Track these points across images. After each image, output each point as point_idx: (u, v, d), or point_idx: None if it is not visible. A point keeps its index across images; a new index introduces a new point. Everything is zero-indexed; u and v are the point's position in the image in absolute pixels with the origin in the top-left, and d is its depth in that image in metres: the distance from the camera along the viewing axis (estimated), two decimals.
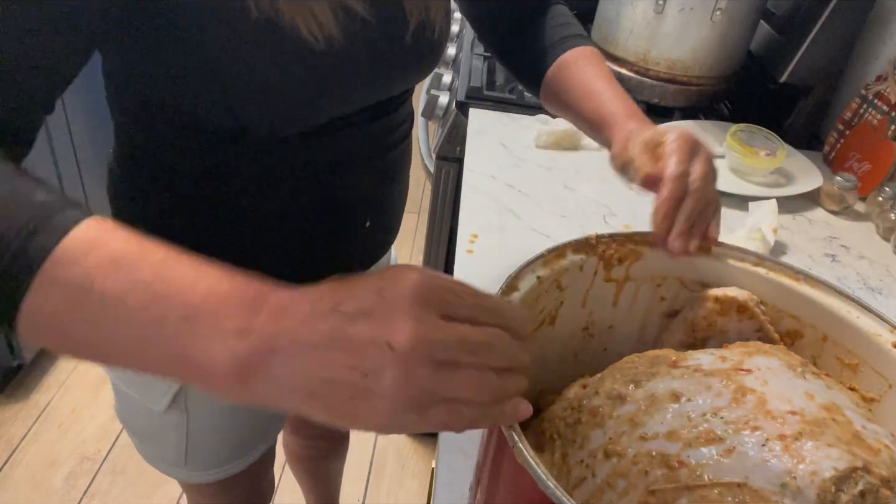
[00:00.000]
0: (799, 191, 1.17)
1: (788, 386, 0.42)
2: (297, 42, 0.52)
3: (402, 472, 1.71)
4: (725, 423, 0.39)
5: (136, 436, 0.83)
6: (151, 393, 0.74)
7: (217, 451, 0.82)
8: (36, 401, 1.78)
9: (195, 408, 0.76)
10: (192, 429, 0.77)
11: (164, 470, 0.84)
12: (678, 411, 0.41)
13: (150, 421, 0.78)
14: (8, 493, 1.56)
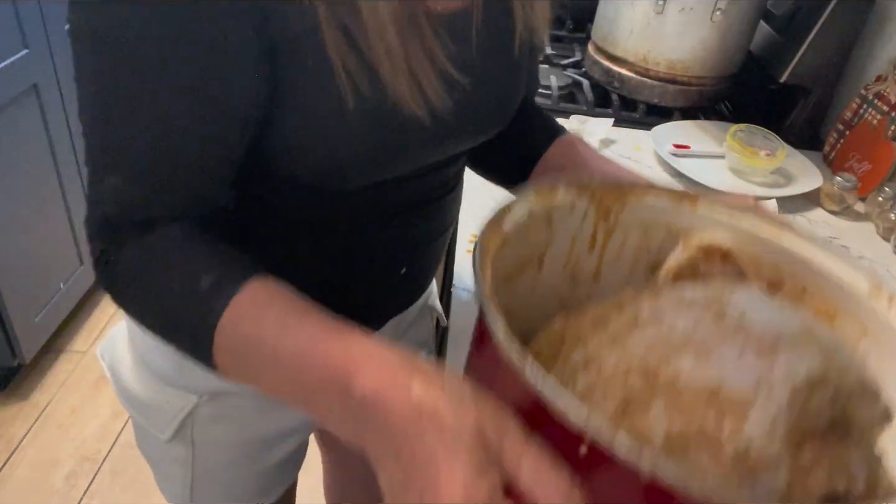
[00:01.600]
0: (799, 191, 1.16)
1: (767, 311, 0.43)
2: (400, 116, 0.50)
3: None
4: (704, 339, 0.41)
5: (149, 461, 0.80)
6: (157, 420, 0.70)
7: (225, 492, 0.76)
8: (36, 401, 1.78)
9: (202, 441, 0.71)
10: (198, 464, 0.73)
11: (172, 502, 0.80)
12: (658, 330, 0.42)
13: (158, 449, 0.75)
14: (8, 493, 1.56)
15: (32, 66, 1.59)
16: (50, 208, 1.75)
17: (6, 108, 1.53)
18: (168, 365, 0.67)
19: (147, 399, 0.70)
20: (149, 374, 0.69)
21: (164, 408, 0.69)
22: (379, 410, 0.37)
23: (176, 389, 0.68)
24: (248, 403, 0.71)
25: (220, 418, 0.70)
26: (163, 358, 0.67)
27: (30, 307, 1.71)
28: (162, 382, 0.68)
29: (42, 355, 1.87)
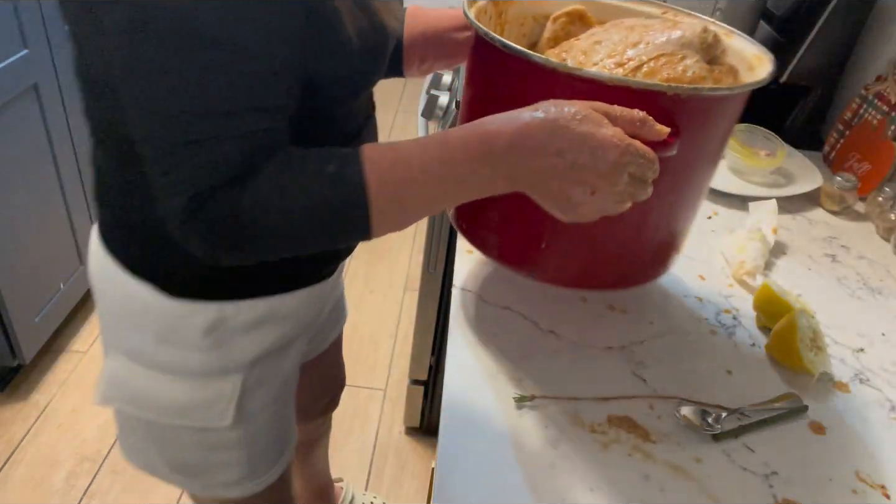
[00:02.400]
0: (799, 191, 1.17)
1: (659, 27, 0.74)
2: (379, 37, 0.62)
3: (402, 472, 1.71)
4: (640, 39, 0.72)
5: (190, 474, 0.81)
6: (214, 413, 0.73)
7: (271, 451, 0.83)
8: (36, 401, 1.78)
9: (252, 411, 0.76)
10: (252, 435, 0.78)
11: (226, 493, 0.82)
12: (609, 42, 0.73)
13: (210, 449, 0.77)
14: (8, 493, 1.56)
15: (32, 66, 1.59)
16: (50, 208, 1.75)
17: (6, 108, 1.53)
18: (206, 358, 0.71)
19: (196, 401, 0.73)
20: (188, 379, 0.72)
21: (218, 398, 0.73)
22: (527, 141, 0.54)
23: (221, 376, 0.72)
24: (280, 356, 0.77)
25: (263, 381, 0.76)
26: (200, 356, 0.70)
27: (30, 307, 1.71)
28: (204, 378, 0.72)
29: (42, 355, 1.87)
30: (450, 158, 0.55)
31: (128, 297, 0.69)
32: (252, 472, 0.82)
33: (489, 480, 0.65)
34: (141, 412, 0.75)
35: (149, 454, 0.81)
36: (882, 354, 0.87)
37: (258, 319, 0.72)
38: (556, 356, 0.80)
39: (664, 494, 0.66)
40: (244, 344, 0.72)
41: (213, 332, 0.70)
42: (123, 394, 0.75)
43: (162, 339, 0.70)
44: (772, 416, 0.75)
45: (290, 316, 0.75)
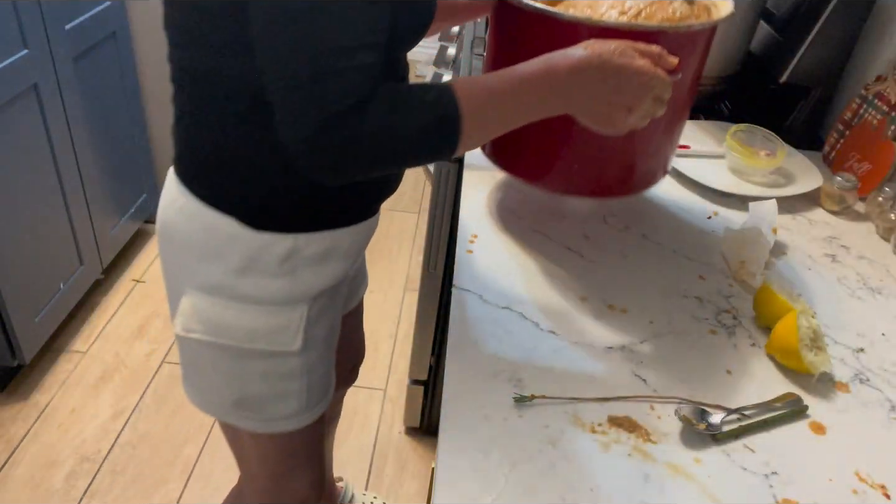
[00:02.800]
0: (799, 191, 1.16)
1: None
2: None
3: (402, 473, 1.71)
4: None
5: (253, 407, 0.87)
6: (286, 337, 0.82)
7: (322, 384, 0.91)
8: (36, 401, 1.78)
9: (312, 341, 0.85)
10: (311, 365, 0.86)
11: (283, 427, 0.89)
12: None
13: (276, 379, 0.85)
14: (8, 493, 1.56)
15: (32, 66, 1.59)
16: (50, 208, 1.75)
17: (6, 108, 1.53)
18: (280, 287, 0.79)
19: (271, 326, 0.81)
20: (264, 307, 0.80)
21: (288, 324, 0.81)
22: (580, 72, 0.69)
23: (292, 304, 0.81)
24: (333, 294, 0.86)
25: (321, 314, 0.85)
26: (275, 284, 0.79)
27: (30, 307, 1.71)
28: (277, 305, 0.80)
29: (42, 355, 1.87)
30: (521, 88, 0.69)
31: (212, 231, 0.77)
32: (307, 403, 0.89)
33: (489, 480, 0.65)
34: (221, 339, 0.81)
35: (215, 390, 0.87)
36: (882, 354, 0.87)
37: (322, 253, 0.80)
38: (556, 356, 0.80)
39: (664, 494, 0.66)
40: (310, 275, 0.81)
41: (288, 261, 0.78)
42: (204, 325, 0.81)
43: (243, 269, 0.78)
44: (772, 416, 0.75)
45: (346, 252, 0.83)
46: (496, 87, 0.69)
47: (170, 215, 0.81)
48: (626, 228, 1.05)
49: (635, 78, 0.70)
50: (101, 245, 2.00)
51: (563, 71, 0.69)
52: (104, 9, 1.87)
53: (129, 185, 2.14)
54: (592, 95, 0.71)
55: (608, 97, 0.71)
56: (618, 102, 0.71)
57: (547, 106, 0.71)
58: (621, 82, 0.70)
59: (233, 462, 1.05)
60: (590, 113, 0.72)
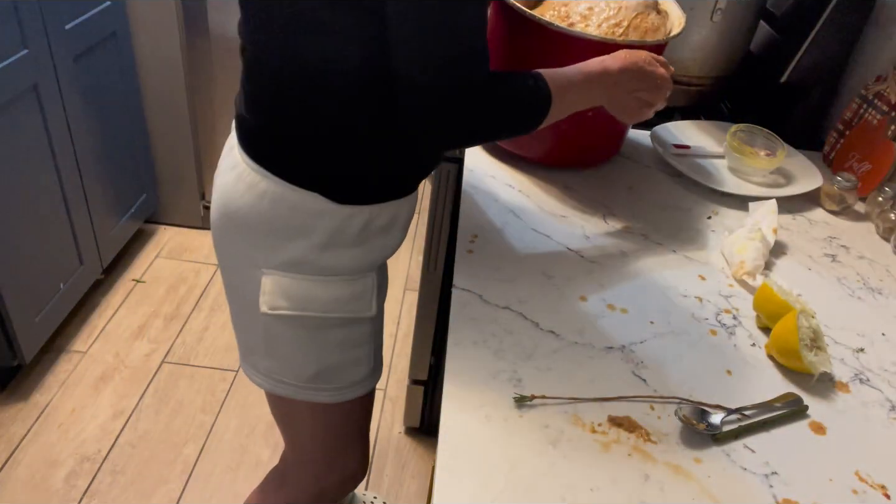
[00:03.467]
0: (799, 191, 1.16)
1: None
2: None
3: (402, 472, 1.71)
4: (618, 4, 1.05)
5: (327, 378, 0.93)
6: (363, 305, 0.90)
7: (379, 353, 0.99)
8: (36, 401, 1.78)
9: (380, 309, 0.94)
10: (377, 327, 0.96)
11: (353, 394, 0.97)
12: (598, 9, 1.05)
13: (351, 346, 0.92)
14: (8, 493, 1.56)
15: (32, 66, 1.59)
16: (50, 208, 1.75)
17: (6, 108, 1.53)
18: (356, 256, 0.86)
19: (350, 293, 0.88)
20: (342, 278, 0.86)
21: (364, 291, 0.89)
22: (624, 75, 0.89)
23: (362, 275, 0.88)
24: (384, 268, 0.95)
25: (381, 284, 0.93)
26: (352, 255, 0.85)
27: (30, 307, 1.71)
28: (353, 276, 0.87)
29: (42, 355, 1.87)
30: (584, 82, 0.87)
31: (297, 209, 0.82)
32: (374, 368, 0.98)
33: (489, 480, 0.65)
34: (306, 312, 0.87)
35: (294, 366, 0.92)
36: (882, 354, 0.87)
37: (388, 222, 0.87)
38: (556, 356, 0.80)
39: (664, 494, 0.66)
40: (378, 245, 0.88)
41: (363, 232, 0.84)
42: (289, 300, 0.86)
43: (327, 244, 0.83)
44: (772, 416, 0.75)
45: (404, 223, 0.91)
46: (569, 79, 0.84)
47: (246, 200, 0.84)
48: (626, 228, 1.05)
49: (657, 81, 0.91)
50: (101, 245, 2.00)
51: (615, 72, 0.88)
52: (104, 9, 1.86)
53: (129, 185, 2.14)
54: (629, 92, 0.91)
55: (639, 94, 0.91)
56: (644, 99, 0.92)
57: (594, 98, 0.90)
58: (649, 85, 0.91)
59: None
60: (622, 105, 0.92)
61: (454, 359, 0.78)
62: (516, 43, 1.07)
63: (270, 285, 0.87)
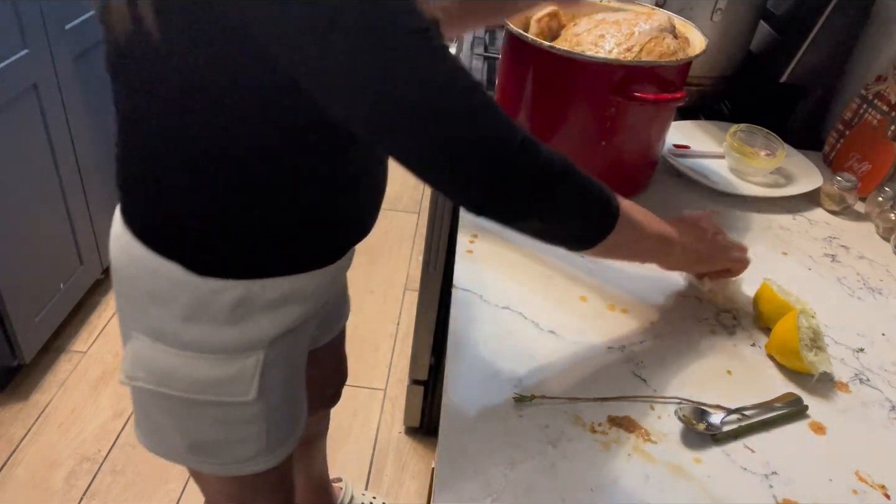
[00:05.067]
0: (799, 191, 1.17)
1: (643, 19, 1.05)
2: None
3: (402, 472, 1.71)
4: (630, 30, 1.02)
5: (208, 452, 0.83)
6: (239, 387, 0.78)
7: (284, 427, 0.87)
8: (36, 401, 1.78)
9: (271, 386, 0.80)
10: (270, 410, 0.82)
11: (242, 471, 0.86)
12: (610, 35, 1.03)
13: (231, 425, 0.81)
14: (8, 493, 1.56)
15: (32, 66, 1.59)
16: (50, 208, 1.76)
17: (6, 108, 1.53)
18: (231, 335, 0.74)
19: (221, 376, 0.76)
20: (213, 356, 0.75)
21: (242, 372, 0.77)
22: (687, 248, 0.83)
23: (244, 352, 0.76)
24: (297, 334, 0.81)
25: (280, 358, 0.80)
26: (225, 333, 0.74)
27: (30, 307, 1.71)
28: (230, 354, 0.76)
29: (42, 355, 1.87)
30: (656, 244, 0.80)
31: (155, 277, 0.72)
32: (268, 446, 0.85)
33: (489, 480, 0.65)
34: (166, 389, 0.77)
35: (168, 436, 0.83)
36: (882, 354, 0.87)
37: (282, 298, 0.76)
38: (556, 356, 0.80)
39: (664, 494, 0.66)
40: (267, 321, 0.76)
41: (239, 309, 0.73)
42: (148, 373, 0.77)
43: (189, 316, 0.73)
44: (772, 416, 0.75)
45: (310, 296, 0.79)
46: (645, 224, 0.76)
47: (116, 255, 0.77)
48: None
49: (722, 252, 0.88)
50: (101, 245, 2.00)
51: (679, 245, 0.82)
52: None
53: None
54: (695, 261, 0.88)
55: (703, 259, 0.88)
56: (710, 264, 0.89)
57: (661, 262, 0.85)
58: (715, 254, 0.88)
59: None
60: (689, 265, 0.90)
61: (454, 359, 0.78)
62: (528, 76, 1.05)
63: (131, 353, 0.78)
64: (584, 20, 1.07)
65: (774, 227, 1.10)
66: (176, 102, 0.63)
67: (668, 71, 0.99)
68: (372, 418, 1.84)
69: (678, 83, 1.01)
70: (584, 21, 1.07)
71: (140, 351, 0.77)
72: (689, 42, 1.07)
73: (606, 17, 1.06)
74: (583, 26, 1.06)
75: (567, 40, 1.05)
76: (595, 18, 1.06)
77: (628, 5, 1.15)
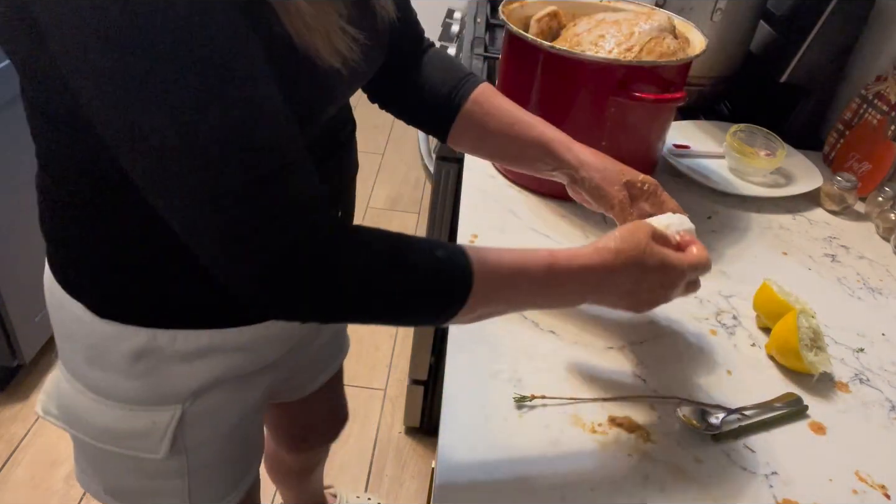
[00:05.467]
0: (799, 191, 1.17)
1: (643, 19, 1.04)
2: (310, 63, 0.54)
3: (402, 472, 1.71)
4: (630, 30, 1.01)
5: (121, 500, 0.77)
6: (146, 443, 0.69)
7: (217, 484, 0.79)
8: (36, 401, 1.78)
9: (195, 444, 0.72)
10: (193, 467, 0.74)
11: None
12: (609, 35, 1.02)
13: (146, 477, 0.73)
14: (8, 493, 1.56)
15: None
16: None
17: (6, 108, 1.53)
18: (138, 386, 0.66)
19: (128, 429, 0.69)
20: (119, 405, 0.67)
21: (151, 428, 0.68)
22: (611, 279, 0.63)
23: (157, 406, 0.68)
24: (233, 385, 0.72)
25: (209, 413, 0.71)
26: (130, 383, 0.66)
27: (30, 307, 1.71)
28: (138, 406, 0.68)
29: (42, 355, 1.87)
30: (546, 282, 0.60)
31: (63, 312, 0.66)
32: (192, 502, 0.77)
33: (489, 480, 0.65)
34: (76, 432, 0.71)
35: (87, 474, 0.77)
36: (882, 354, 0.87)
37: (200, 349, 0.67)
38: (556, 356, 0.80)
39: (664, 494, 0.66)
40: (183, 373, 0.67)
41: (143, 359, 0.65)
42: (60, 410, 0.72)
43: (91, 360, 0.66)
44: (772, 416, 0.75)
45: (245, 349, 0.70)
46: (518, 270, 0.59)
47: (46, 274, 0.70)
48: None
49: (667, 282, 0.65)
50: None
51: (594, 278, 0.62)
52: None
53: None
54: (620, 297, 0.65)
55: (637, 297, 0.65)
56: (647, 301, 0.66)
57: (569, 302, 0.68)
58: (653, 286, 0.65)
59: None
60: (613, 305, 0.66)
61: (454, 359, 0.78)
62: (528, 76, 1.04)
63: (51, 383, 0.72)
64: (584, 20, 1.07)
65: (774, 227, 1.10)
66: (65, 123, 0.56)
67: (668, 71, 0.99)
68: (372, 418, 1.84)
69: (678, 83, 1.01)
70: (584, 21, 1.07)
71: (59, 383, 0.72)
72: (689, 42, 1.07)
73: (606, 17, 1.05)
74: (583, 26, 1.05)
75: (567, 40, 1.05)
76: (595, 18, 1.06)
77: (628, 5, 1.14)
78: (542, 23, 1.08)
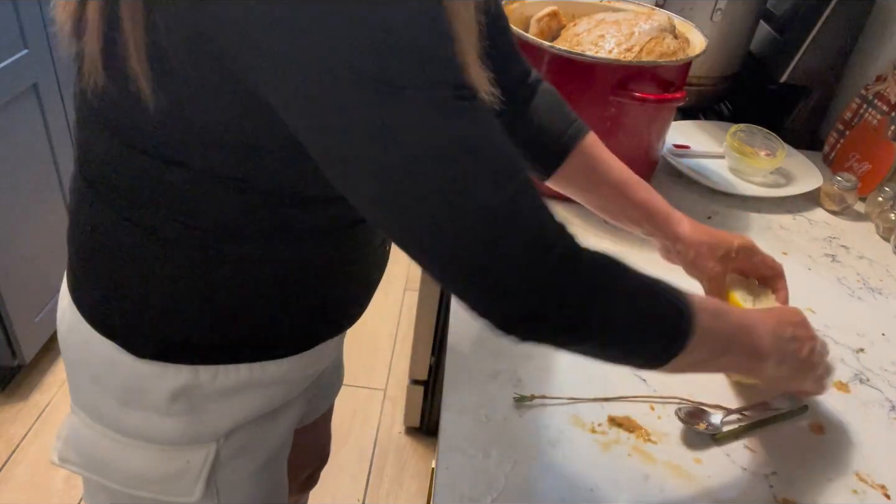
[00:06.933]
0: (799, 191, 1.16)
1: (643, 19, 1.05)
2: None
3: (402, 472, 1.71)
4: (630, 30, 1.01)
5: None
6: (181, 486, 0.67)
7: None
8: (36, 401, 1.78)
9: (227, 484, 0.70)
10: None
11: None
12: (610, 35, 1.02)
13: None
14: (8, 493, 1.56)
15: (32, 66, 1.59)
16: (50, 208, 1.75)
17: (6, 108, 1.53)
18: (174, 425, 0.64)
19: (161, 471, 0.66)
20: (153, 446, 0.65)
21: (185, 469, 0.66)
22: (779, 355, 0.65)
23: (191, 446, 0.65)
24: (268, 422, 0.70)
25: (241, 452, 0.69)
26: (167, 423, 0.64)
27: (30, 307, 1.71)
28: (172, 447, 0.65)
29: (42, 355, 1.87)
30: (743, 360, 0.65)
31: (92, 352, 0.64)
32: None
33: (489, 480, 0.65)
34: (100, 478, 0.68)
35: None
36: (882, 354, 0.87)
37: (239, 385, 0.64)
38: (556, 356, 0.80)
39: (664, 494, 0.66)
40: (221, 411, 0.65)
41: (183, 398, 0.63)
42: (82, 456, 0.69)
43: (125, 401, 0.64)
44: (772, 416, 0.75)
45: (281, 381, 0.68)
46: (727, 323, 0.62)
47: (60, 313, 0.69)
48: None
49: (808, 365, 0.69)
50: None
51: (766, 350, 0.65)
52: None
53: None
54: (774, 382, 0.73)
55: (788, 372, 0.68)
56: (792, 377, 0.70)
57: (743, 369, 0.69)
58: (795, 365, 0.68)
59: None
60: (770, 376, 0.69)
61: (454, 359, 0.78)
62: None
63: (67, 429, 0.69)
64: (584, 20, 1.07)
65: (774, 227, 1.10)
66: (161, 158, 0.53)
67: (668, 71, 0.99)
68: (372, 418, 1.84)
69: (678, 83, 1.01)
70: (584, 21, 1.07)
71: (77, 429, 0.68)
72: (689, 42, 1.07)
73: (606, 17, 1.05)
74: (583, 26, 1.06)
75: (567, 40, 1.05)
76: (595, 18, 1.06)
77: (628, 5, 1.15)
78: (542, 23, 1.08)
